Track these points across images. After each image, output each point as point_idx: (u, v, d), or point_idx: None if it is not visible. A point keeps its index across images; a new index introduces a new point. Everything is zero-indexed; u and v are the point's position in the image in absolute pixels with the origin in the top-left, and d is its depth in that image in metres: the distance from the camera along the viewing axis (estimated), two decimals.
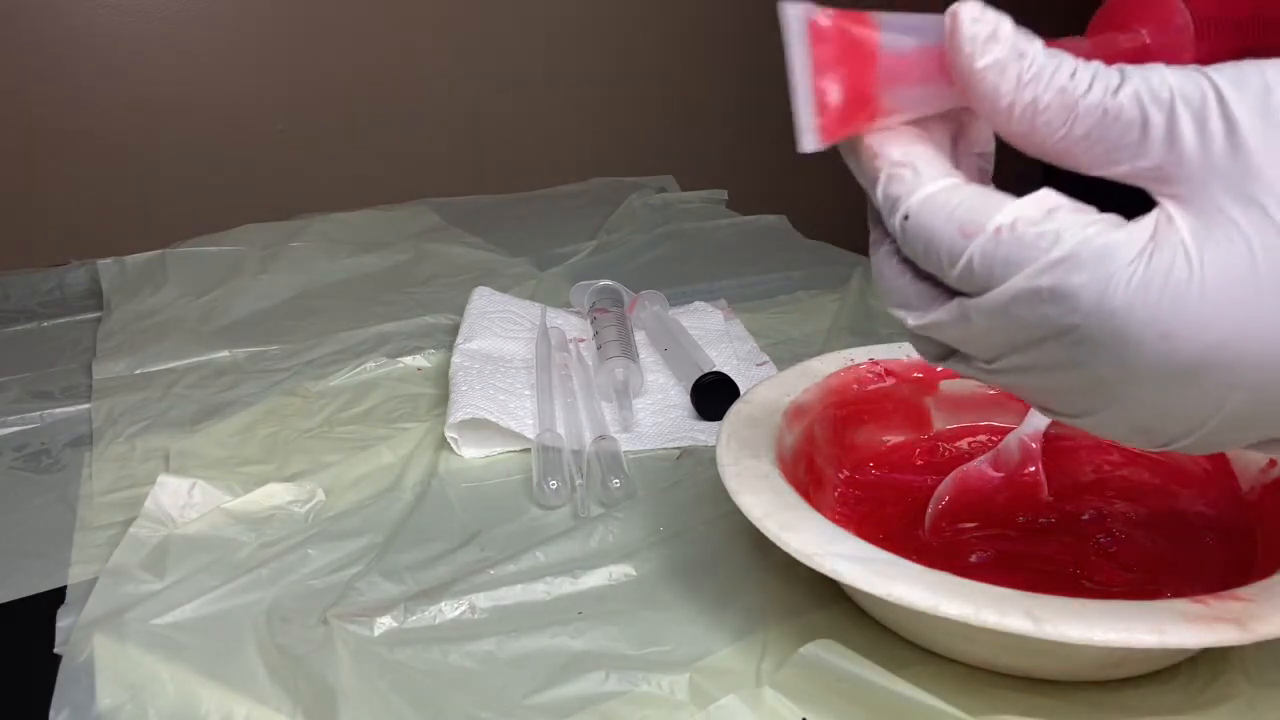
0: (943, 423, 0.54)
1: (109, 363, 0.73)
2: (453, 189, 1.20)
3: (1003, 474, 0.48)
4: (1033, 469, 0.48)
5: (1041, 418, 0.48)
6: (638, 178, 1.23)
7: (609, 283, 0.77)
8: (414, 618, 0.44)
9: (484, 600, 0.45)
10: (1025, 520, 0.46)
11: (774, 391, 0.51)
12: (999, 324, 0.27)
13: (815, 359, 0.54)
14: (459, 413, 0.59)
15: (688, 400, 0.63)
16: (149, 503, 0.52)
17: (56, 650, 0.43)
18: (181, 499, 0.53)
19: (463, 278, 0.89)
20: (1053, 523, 0.46)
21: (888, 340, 0.55)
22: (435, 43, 1.62)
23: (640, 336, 0.72)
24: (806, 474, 0.47)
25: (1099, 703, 0.38)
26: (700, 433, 0.60)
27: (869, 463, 0.51)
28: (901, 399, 0.53)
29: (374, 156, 1.61)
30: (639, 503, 0.52)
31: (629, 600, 0.45)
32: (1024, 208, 0.27)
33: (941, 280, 0.29)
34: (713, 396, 0.61)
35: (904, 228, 0.28)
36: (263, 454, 0.60)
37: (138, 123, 1.45)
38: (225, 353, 0.75)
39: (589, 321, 0.72)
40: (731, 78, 1.88)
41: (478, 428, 0.59)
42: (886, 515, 0.47)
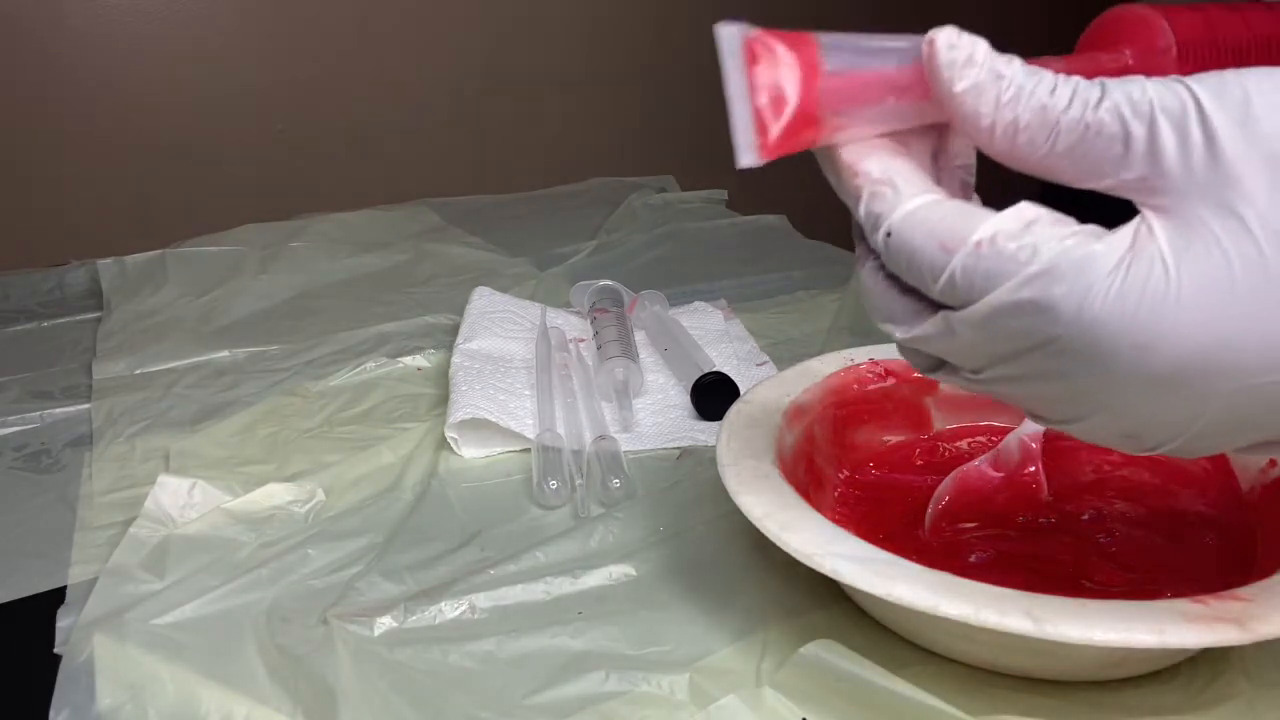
0: (943, 423, 0.54)
1: (109, 363, 0.73)
2: (453, 189, 1.20)
3: (1003, 474, 0.48)
4: (1032, 469, 0.48)
5: None
6: (638, 178, 1.23)
7: (609, 283, 0.77)
8: (414, 618, 0.44)
9: (484, 600, 0.45)
10: (1025, 520, 0.46)
11: (774, 391, 0.51)
12: (983, 336, 0.28)
13: (815, 359, 0.54)
14: (459, 413, 0.59)
15: (688, 400, 0.63)
16: (149, 503, 0.52)
17: (56, 650, 0.43)
18: (181, 499, 0.53)
19: (463, 278, 0.89)
20: (1053, 523, 0.46)
21: (887, 340, 0.55)
22: (435, 43, 1.62)
23: (640, 336, 0.72)
24: (806, 474, 0.47)
25: (1099, 703, 0.38)
26: (700, 433, 0.60)
27: (869, 463, 0.51)
28: (901, 399, 0.53)
29: (374, 156, 1.60)
30: (639, 503, 0.52)
31: (629, 600, 0.45)
32: (1002, 221, 0.27)
33: (926, 294, 0.29)
34: (713, 396, 0.61)
35: (887, 244, 0.29)
36: (263, 454, 0.60)
37: (138, 123, 1.45)
38: (225, 353, 0.75)
39: (589, 321, 0.72)
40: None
41: (478, 428, 0.59)
42: (886, 515, 0.47)
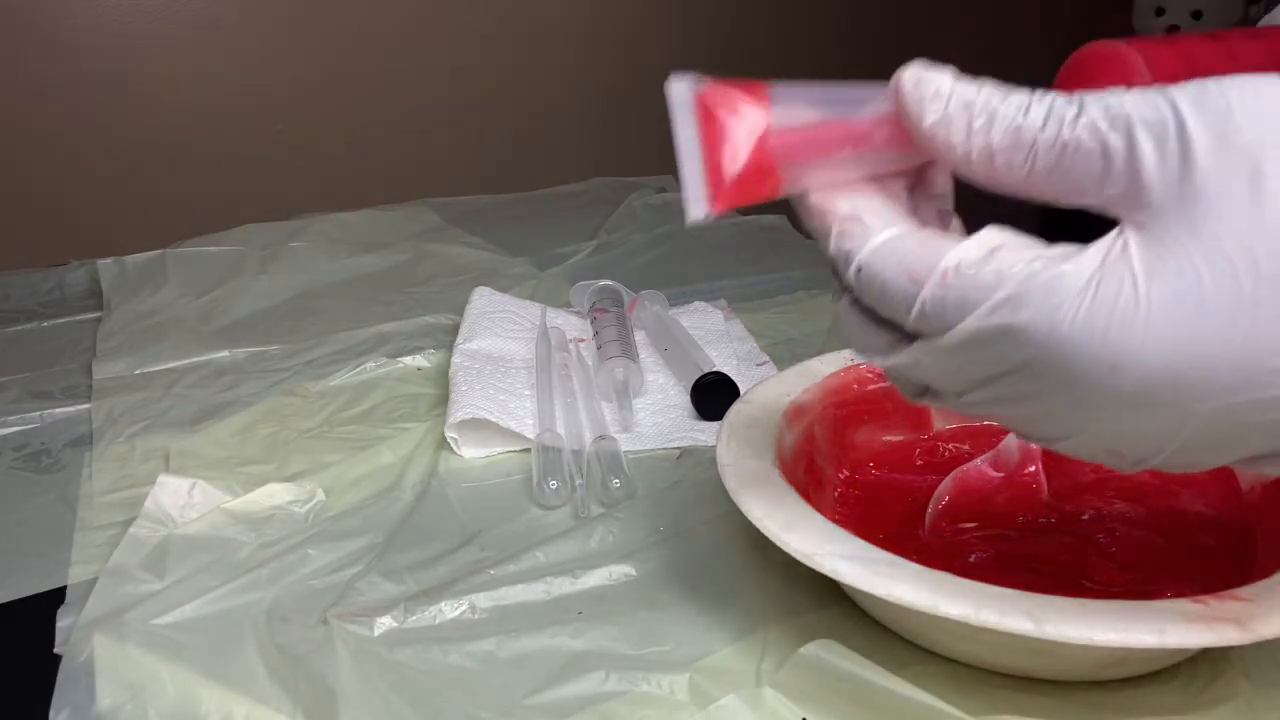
0: (943, 422, 0.54)
1: (109, 363, 0.73)
2: (453, 189, 1.20)
3: (1002, 474, 0.47)
4: (1032, 469, 0.48)
5: None
6: (638, 178, 1.23)
7: (609, 283, 0.77)
8: (414, 618, 0.44)
9: (484, 600, 0.45)
10: (1025, 520, 0.46)
11: (774, 391, 0.51)
12: (959, 363, 0.28)
13: (815, 359, 0.54)
14: (459, 413, 0.59)
15: (688, 400, 0.63)
16: (149, 503, 0.52)
17: (56, 650, 0.43)
18: (181, 499, 0.53)
19: (463, 278, 0.89)
20: (1053, 523, 0.46)
21: None
22: (435, 42, 1.62)
23: (640, 336, 0.72)
24: (806, 474, 0.47)
25: (1099, 703, 0.38)
26: (700, 433, 0.60)
27: (869, 463, 0.51)
28: (901, 399, 0.53)
29: (374, 156, 1.60)
30: (639, 503, 0.52)
31: (629, 600, 0.45)
32: (966, 250, 0.27)
33: (901, 325, 0.29)
34: (713, 396, 0.61)
35: (858, 279, 0.29)
36: (263, 454, 0.60)
37: (138, 123, 1.45)
38: (225, 353, 0.75)
39: (589, 321, 0.72)
40: (732, 78, 1.88)
41: (478, 428, 0.59)
42: (886, 515, 0.47)
